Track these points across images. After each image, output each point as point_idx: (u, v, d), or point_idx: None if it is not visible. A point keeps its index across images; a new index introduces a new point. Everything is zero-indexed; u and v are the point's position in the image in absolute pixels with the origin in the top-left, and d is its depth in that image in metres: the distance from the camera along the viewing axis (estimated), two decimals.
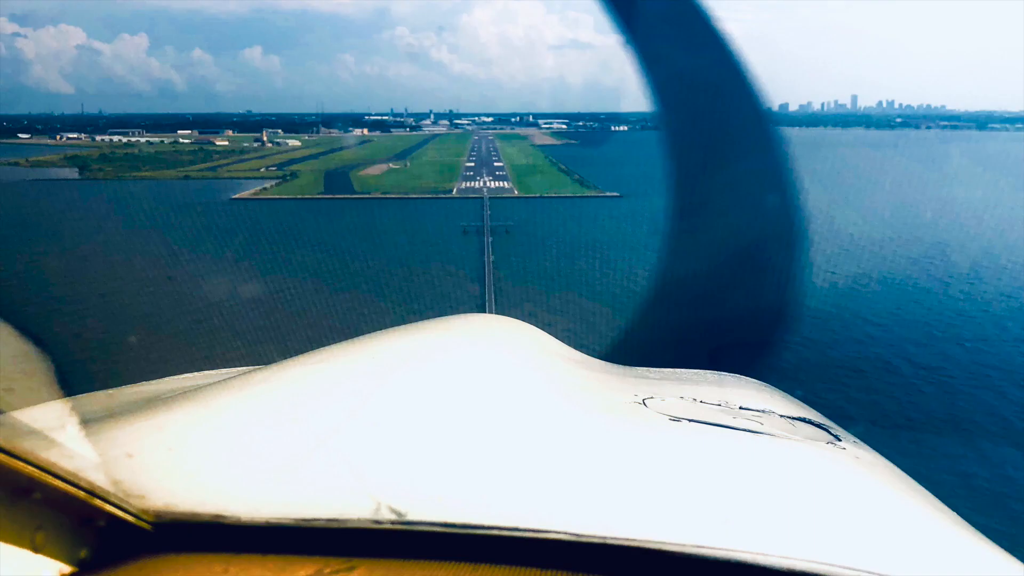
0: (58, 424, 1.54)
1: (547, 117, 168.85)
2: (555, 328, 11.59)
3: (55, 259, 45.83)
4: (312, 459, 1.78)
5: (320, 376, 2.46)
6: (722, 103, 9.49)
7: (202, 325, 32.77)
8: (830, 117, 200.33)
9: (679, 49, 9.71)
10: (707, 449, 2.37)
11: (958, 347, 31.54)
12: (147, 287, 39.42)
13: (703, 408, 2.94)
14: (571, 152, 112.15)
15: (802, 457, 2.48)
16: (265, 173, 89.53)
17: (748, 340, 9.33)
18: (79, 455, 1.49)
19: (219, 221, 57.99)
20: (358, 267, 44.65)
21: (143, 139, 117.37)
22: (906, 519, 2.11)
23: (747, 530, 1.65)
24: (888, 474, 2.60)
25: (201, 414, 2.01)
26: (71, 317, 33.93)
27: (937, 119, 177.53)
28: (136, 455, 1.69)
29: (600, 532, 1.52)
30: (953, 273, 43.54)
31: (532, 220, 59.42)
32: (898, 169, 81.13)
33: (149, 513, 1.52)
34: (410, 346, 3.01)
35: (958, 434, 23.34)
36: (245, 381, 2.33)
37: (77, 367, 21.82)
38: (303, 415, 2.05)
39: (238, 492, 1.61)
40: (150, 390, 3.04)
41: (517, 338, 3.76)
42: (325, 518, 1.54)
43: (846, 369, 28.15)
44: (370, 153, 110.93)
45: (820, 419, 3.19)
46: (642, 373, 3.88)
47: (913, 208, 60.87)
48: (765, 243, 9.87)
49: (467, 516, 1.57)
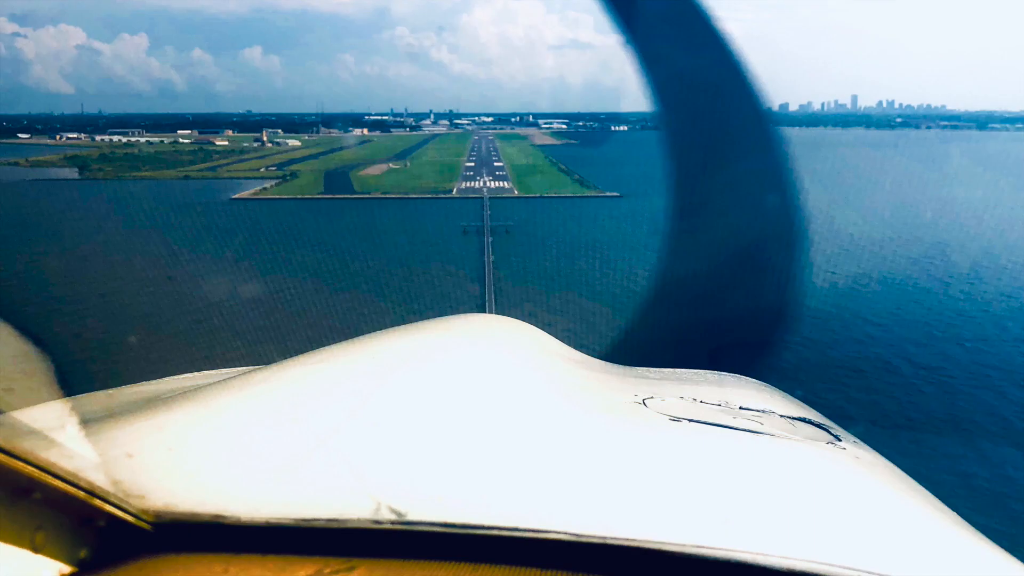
0: (58, 424, 1.54)
1: (547, 117, 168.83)
2: (555, 328, 11.60)
3: (55, 259, 45.84)
4: (312, 459, 1.78)
5: (320, 376, 2.46)
6: (722, 103, 9.49)
7: (202, 325, 32.77)
8: (830, 117, 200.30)
9: (679, 49, 9.71)
10: (707, 449, 2.37)
11: (958, 347, 31.55)
12: (147, 287, 39.42)
13: (703, 408, 2.94)
14: (571, 152, 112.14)
15: (802, 457, 2.48)
16: (265, 173, 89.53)
17: (748, 340, 9.34)
18: (79, 455, 1.49)
19: (219, 221, 58.00)
20: (358, 267, 44.67)
21: (143, 139, 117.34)
22: (906, 519, 2.11)
23: (747, 530, 1.65)
24: (888, 474, 2.60)
25: (201, 414, 2.01)
26: (71, 317, 33.93)
27: (937, 119, 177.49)
28: (136, 455, 1.69)
29: (600, 532, 1.52)
30: (953, 273, 43.56)
31: (532, 220, 59.44)
32: (898, 169, 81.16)
33: (149, 513, 1.52)
34: (410, 346, 3.01)
35: (958, 434, 23.35)
36: (245, 381, 2.33)
37: (77, 367, 21.82)
38: (303, 415, 2.05)
39: (238, 492, 1.61)
40: (150, 390, 3.04)
41: (517, 338, 3.76)
42: (325, 518, 1.54)
43: (846, 369, 28.15)
44: (370, 153, 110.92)
45: (820, 419, 3.19)
46: (642, 373, 3.88)
47: (913, 208, 60.88)
48: (765, 243, 9.87)
49: (467, 516, 1.57)
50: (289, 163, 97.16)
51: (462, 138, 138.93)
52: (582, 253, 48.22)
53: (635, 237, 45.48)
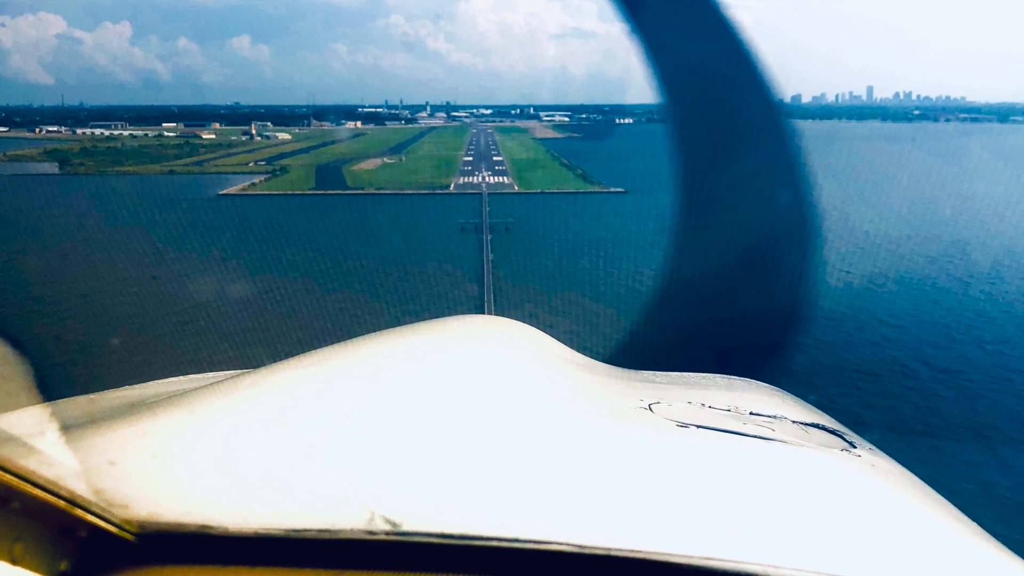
0: (37, 430, 1.54)
1: (549, 109, 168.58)
2: (557, 330, 11.60)
3: (34, 258, 45.84)
4: (303, 466, 1.78)
5: (312, 380, 2.46)
6: (732, 95, 9.50)
7: (188, 327, 32.78)
8: (844, 109, 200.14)
9: (687, 38, 9.72)
10: (716, 456, 2.37)
11: (979, 349, 31.54)
12: (130, 287, 39.43)
13: (711, 413, 2.95)
14: (574, 146, 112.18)
15: (815, 465, 2.48)
16: (254, 168, 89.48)
17: (759, 342, 9.34)
18: (59, 463, 1.49)
19: (206, 218, 58.02)
20: (351, 266, 44.69)
21: (126, 132, 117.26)
22: (924, 530, 2.11)
23: (757, 541, 1.65)
24: (905, 483, 2.60)
25: (187, 420, 2.01)
26: (51, 318, 33.92)
27: (957, 111, 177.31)
28: (119, 463, 1.69)
29: (604, 543, 1.53)
30: (974, 272, 43.55)
31: (533, 217, 59.47)
32: (916, 163, 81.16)
33: (132, 523, 1.52)
34: (406, 348, 3.01)
35: (979, 441, 23.34)
36: (233, 385, 2.33)
37: (57, 371, 21.83)
38: (294, 420, 2.05)
39: (226, 501, 1.60)
40: (134, 395, 3.04)
41: (517, 340, 3.77)
42: (316, 528, 1.54)
43: (861, 373, 28.16)
44: (364, 147, 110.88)
45: (834, 425, 3.19)
46: (648, 377, 3.88)
47: (932, 205, 60.91)
48: (776, 241, 9.88)
49: (465, 526, 1.57)
50: (279, 157, 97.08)
51: (460, 131, 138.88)
52: (585, 251, 48.23)
53: (641, 235, 45.45)
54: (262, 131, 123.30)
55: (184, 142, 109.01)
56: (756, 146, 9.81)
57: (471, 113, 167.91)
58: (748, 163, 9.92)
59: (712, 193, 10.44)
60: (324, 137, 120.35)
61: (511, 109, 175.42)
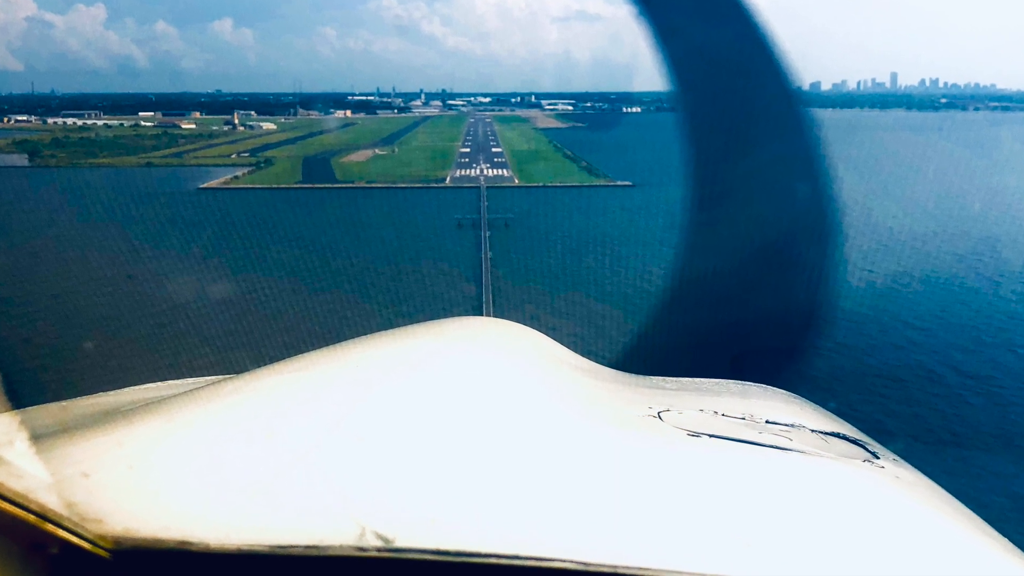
0: (5, 440, 1.54)
1: (551, 97, 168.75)
2: (560, 333, 11.58)
3: (1, 256, 45.86)
4: (290, 478, 1.78)
5: (299, 386, 2.46)
6: (747, 82, 9.51)
7: (167, 329, 32.81)
8: (867, 97, 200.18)
9: (698, 21, 9.72)
10: (729, 468, 2.37)
11: (1010, 354, 31.55)
12: (105, 287, 39.46)
13: (725, 422, 2.95)
14: (578, 136, 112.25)
15: (836, 476, 2.48)
16: (237, 160, 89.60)
17: (775, 346, 9.35)
18: (29, 474, 1.49)
19: (185, 213, 58.09)
20: (340, 265, 44.71)
21: (100, 122, 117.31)
22: (952, 546, 2.12)
23: (773, 557, 1.65)
24: (932, 496, 2.60)
25: (166, 428, 2.01)
26: (20, 320, 33.98)
27: (987, 99, 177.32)
28: (93, 474, 1.69)
29: (610, 560, 1.53)
30: (1005, 272, 43.55)
31: (534, 212, 59.51)
32: (943, 155, 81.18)
33: (107, 539, 1.52)
34: (399, 352, 3.01)
35: (1009, 451, 23.35)
36: (215, 391, 2.33)
37: (27, 376, 21.82)
38: (280, 429, 2.05)
39: (207, 515, 1.60)
40: (108, 402, 3.04)
41: (518, 343, 3.77)
42: (304, 544, 1.54)
43: (884, 378, 28.18)
44: (354, 137, 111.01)
45: (856, 434, 3.19)
46: (657, 383, 3.89)
47: (960, 199, 60.89)
48: (794, 238, 9.89)
49: (462, 542, 1.57)
50: (263, 149, 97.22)
51: (456, 121, 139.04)
52: (590, 249, 48.27)
53: (649, 231, 45.50)
54: (245, 120, 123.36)
55: (162, 132, 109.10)
56: (772, 137, 9.81)
57: (468, 101, 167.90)
58: (764, 155, 9.92)
59: (725, 187, 10.44)
60: (311, 127, 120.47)
61: (511, 97, 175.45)
